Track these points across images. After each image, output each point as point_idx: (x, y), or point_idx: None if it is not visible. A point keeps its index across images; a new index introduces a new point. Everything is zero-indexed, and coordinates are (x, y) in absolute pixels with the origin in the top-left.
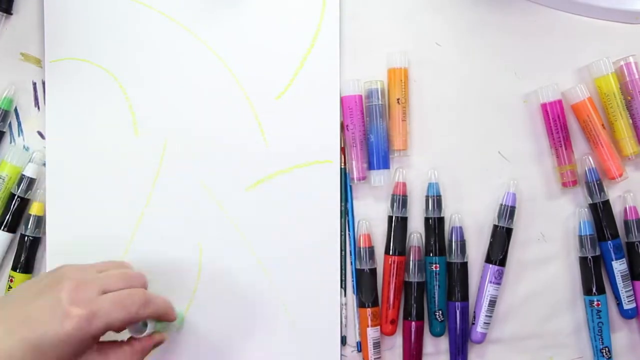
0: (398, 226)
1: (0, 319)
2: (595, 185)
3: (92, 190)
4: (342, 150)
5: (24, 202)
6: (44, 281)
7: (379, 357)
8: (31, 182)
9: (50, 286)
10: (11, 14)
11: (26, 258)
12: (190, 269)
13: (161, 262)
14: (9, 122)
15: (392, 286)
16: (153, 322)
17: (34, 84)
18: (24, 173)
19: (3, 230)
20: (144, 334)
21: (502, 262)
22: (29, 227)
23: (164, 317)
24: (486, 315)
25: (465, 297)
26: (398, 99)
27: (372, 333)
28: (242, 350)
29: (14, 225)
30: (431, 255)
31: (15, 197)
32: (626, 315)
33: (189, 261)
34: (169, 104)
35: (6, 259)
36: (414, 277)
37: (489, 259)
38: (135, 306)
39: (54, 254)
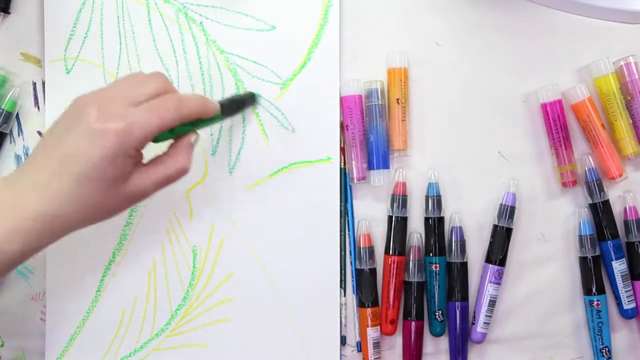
0: (398, 226)
1: (43, 163)
2: (595, 185)
3: None
4: (342, 150)
5: None
6: (68, 115)
7: (379, 357)
8: None
9: (76, 118)
10: (9, 13)
11: None
12: (189, 269)
13: (159, 261)
14: (11, 124)
15: (392, 286)
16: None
17: (34, 84)
18: None
19: None
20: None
21: (502, 262)
22: None
23: (203, 114)
24: (486, 315)
25: (465, 297)
26: (398, 99)
27: (372, 333)
28: (242, 350)
29: None
30: (431, 255)
31: None
32: (626, 315)
33: (188, 261)
34: None
35: None
36: (413, 277)
37: (489, 259)
38: (170, 111)
39: (53, 252)
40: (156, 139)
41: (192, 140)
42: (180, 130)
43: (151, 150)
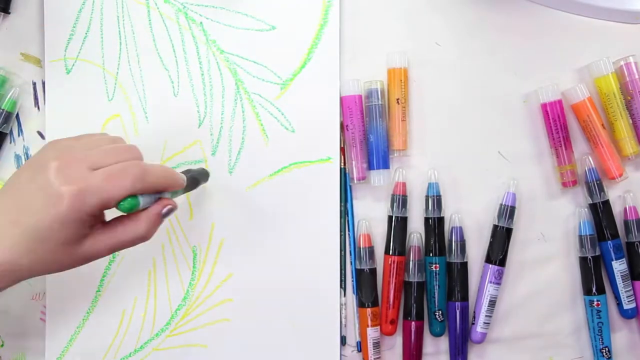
0: (398, 226)
1: (4, 207)
2: (595, 185)
3: None
4: (342, 150)
5: None
6: (32, 165)
7: (379, 357)
8: None
9: (39, 170)
10: (9, 13)
11: None
12: (189, 269)
13: (159, 261)
14: (11, 124)
15: (392, 286)
16: (150, 197)
17: (34, 84)
18: None
19: None
20: (140, 206)
21: (502, 262)
22: None
23: (170, 187)
24: (486, 315)
25: (465, 297)
26: (398, 99)
27: (372, 333)
28: (242, 350)
29: None
30: (431, 255)
31: None
32: (626, 315)
33: (188, 261)
34: (169, 104)
35: None
36: (413, 277)
37: (489, 259)
38: (130, 179)
39: None
40: (122, 208)
41: (162, 211)
42: (146, 202)
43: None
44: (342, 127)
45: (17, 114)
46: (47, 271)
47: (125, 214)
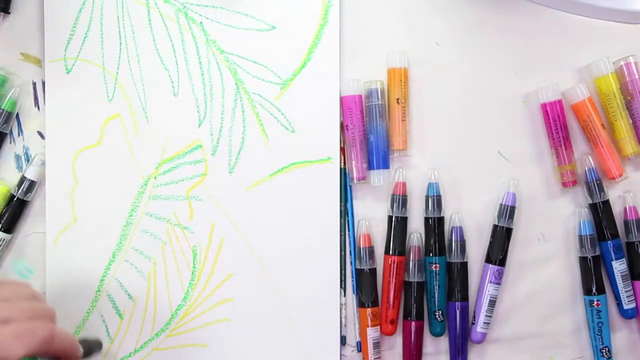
0: (398, 226)
1: None
2: (595, 185)
3: (92, 189)
4: (342, 150)
5: (23, 204)
6: None
7: (379, 357)
8: (32, 184)
9: None
10: (9, 13)
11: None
12: (189, 269)
13: (159, 261)
14: (11, 124)
15: (392, 286)
16: None
17: (34, 84)
18: (25, 175)
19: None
20: None
21: (502, 262)
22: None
23: (69, 357)
24: (486, 315)
25: (465, 297)
26: (398, 99)
27: (372, 333)
28: (242, 350)
29: (12, 227)
30: (431, 255)
31: (15, 198)
32: (626, 315)
33: (188, 261)
34: (170, 104)
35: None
36: (413, 277)
37: (489, 259)
38: (36, 342)
39: (53, 252)
40: None
41: None
42: None
43: None
44: (342, 127)
45: (17, 114)
46: None
47: None
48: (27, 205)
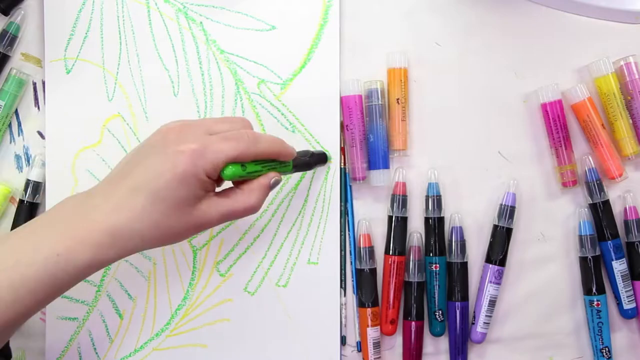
0: (398, 226)
1: (118, 182)
2: (595, 185)
3: None
4: (342, 150)
5: (34, 207)
6: (151, 139)
7: (379, 357)
8: (38, 186)
9: (157, 142)
10: (7, 14)
11: None
12: (189, 269)
13: (159, 261)
14: (15, 47)
15: (392, 286)
16: (256, 166)
17: (34, 84)
18: (29, 178)
19: None
20: (244, 174)
21: (502, 262)
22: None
23: (280, 155)
24: (486, 315)
25: (465, 297)
26: (398, 99)
27: (372, 333)
28: (242, 350)
29: None
30: (431, 255)
31: (25, 203)
32: (626, 315)
33: (188, 261)
34: (170, 104)
35: None
36: (414, 277)
37: (489, 259)
38: (244, 142)
39: None
40: (227, 174)
41: (271, 181)
42: (253, 170)
43: None
44: (342, 127)
45: (17, 114)
46: (160, 240)
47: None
48: (38, 207)
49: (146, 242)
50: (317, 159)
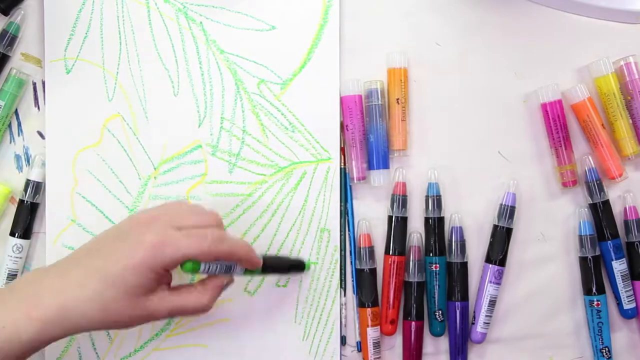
0: (398, 226)
1: (76, 263)
2: (595, 185)
3: (92, 190)
4: (342, 150)
5: (34, 206)
6: (120, 225)
7: (379, 357)
8: (38, 186)
9: (124, 228)
10: (7, 14)
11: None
12: None
13: None
14: (15, 47)
15: (392, 286)
16: (214, 265)
17: (34, 84)
18: (29, 178)
19: (18, 237)
20: (200, 270)
21: (502, 262)
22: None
23: (242, 262)
24: (486, 315)
25: (465, 297)
26: (398, 99)
27: (372, 333)
28: (242, 349)
29: (29, 232)
30: (431, 255)
31: (25, 202)
32: (626, 315)
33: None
34: (169, 104)
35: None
36: (414, 277)
37: (489, 259)
38: (208, 242)
39: (54, 253)
40: (185, 268)
41: (224, 282)
42: (213, 269)
43: None
44: (342, 127)
45: (17, 114)
46: (105, 323)
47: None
48: (38, 207)
49: (93, 324)
50: (294, 269)
